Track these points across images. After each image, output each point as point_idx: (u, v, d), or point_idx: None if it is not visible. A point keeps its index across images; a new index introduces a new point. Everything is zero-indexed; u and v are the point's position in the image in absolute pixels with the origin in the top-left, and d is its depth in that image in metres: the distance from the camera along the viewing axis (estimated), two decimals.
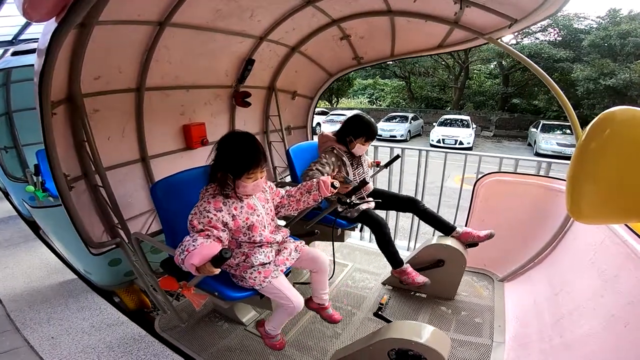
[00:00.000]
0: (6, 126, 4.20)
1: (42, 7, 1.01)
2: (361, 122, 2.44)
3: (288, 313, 1.82)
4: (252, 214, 1.69)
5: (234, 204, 1.64)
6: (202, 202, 1.57)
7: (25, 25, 7.59)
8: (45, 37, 1.22)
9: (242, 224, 1.64)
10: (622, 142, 1.05)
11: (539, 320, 2.07)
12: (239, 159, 1.57)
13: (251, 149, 1.60)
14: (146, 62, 2.07)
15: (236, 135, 1.67)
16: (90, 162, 1.86)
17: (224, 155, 1.60)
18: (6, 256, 3.68)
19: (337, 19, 2.68)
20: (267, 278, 1.68)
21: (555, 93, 1.89)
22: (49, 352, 2.23)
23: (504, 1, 1.80)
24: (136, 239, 1.81)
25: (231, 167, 1.57)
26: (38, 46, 1.38)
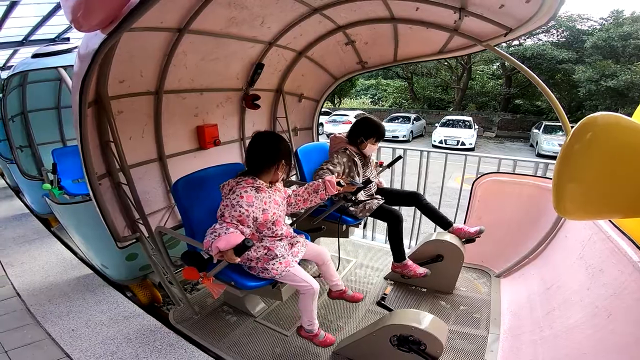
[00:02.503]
0: (21, 126, 4.34)
1: (94, 19, 1.12)
2: (371, 123, 2.64)
3: (309, 296, 1.96)
4: (277, 209, 1.88)
5: (264, 198, 1.81)
6: (235, 195, 1.70)
7: (36, 26, 7.78)
8: (90, 44, 1.34)
9: (270, 217, 1.82)
10: (602, 145, 1.18)
11: (532, 313, 2.19)
12: (282, 150, 1.83)
13: (285, 140, 1.89)
14: (165, 66, 2.21)
15: (269, 133, 1.91)
16: (114, 161, 2.00)
17: (266, 149, 1.82)
18: (22, 252, 3.83)
19: (342, 25, 2.80)
20: (287, 267, 1.84)
21: (547, 96, 2.02)
22: (70, 344, 2.34)
23: (499, 12, 1.92)
24: (159, 232, 1.95)
25: (276, 158, 1.81)
26: (79, 51, 1.51)
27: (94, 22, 1.14)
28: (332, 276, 2.30)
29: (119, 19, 1.09)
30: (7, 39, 8.18)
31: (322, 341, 2.14)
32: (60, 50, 3.08)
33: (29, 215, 5.17)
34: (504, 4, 1.80)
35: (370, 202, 2.56)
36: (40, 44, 9.47)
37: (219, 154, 2.87)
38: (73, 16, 1.15)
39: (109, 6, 1.06)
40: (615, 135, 1.17)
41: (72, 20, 1.17)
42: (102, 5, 1.06)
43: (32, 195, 5.01)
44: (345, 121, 18.19)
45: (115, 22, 1.11)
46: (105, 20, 1.11)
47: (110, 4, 1.05)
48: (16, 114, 4.23)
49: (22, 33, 8.17)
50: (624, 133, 1.15)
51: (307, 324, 2.10)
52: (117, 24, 1.10)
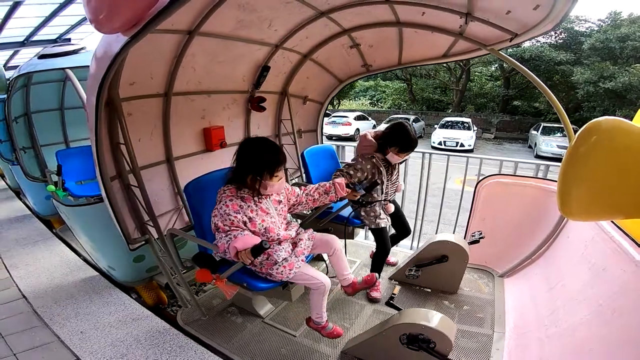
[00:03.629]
0: (25, 127, 4.33)
1: (117, 22, 1.14)
2: (398, 132, 2.49)
3: (320, 293, 1.99)
4: (266, 217, 1.86)
5: (249, 207, 1.80)
6: (222, 205, 1.73)
7: (38, 27, 7.79)
8: (110, 46, 1.37)
9: (259, 226, 1.82)
10: (606, 148, 1.22)
11: (537, 312, 2.23)
12: (269, 161, 1.75)
13: (273, 149, 1.79)
14: (175, 68, 2.23)
15: (256, 140, 1.85)
16: (124, 163, 2.02)
17: (252, 158, 1.76)
18: (25, 254, 3.83)
19: (348, 28, 2.83)
20: (292, 270, 1.85)
21: (549, 99, 2.05)
22: (80, 346, 2.33)
23: (505, 17, 1.95)
24: (170, 234, 1.97)
25: (262, 168, 1.74)
26: (96, 53, 1.54)
27: (116, 25, 1.16)
28: (343, 269, 2.20)
29: (143, 22, 1.10)
30: (8, 40, 8.22)
31: (330, 332, 2.17)
32: (67, 52, 3.09)
33: (30, 217, 5.17)
34: (510, 10, 1.83)
35: (381, 219, 2.55)
36: (41, 45, 9.51)
37: (225, 156, 2.89)
38: (95, 17, 1.17)
39: (134, 9, 1.07)
40: (618, 138, 1.21)
41: (93, 21, 1.19)
42: (127, 8, 1.08)
43: (34, 197, 5.01)
44: (345, 122, 18.24)
45: (139, 25, 1.13)
46: (127, 23, 1.13)
47: (136, 6, 1.07)
48: (19, 115, 4.22)
49: (24, 34, 8.21)
50: (627, 137, 1.19)
51: (315, 316, 2.13)
52: (142, 26, 1.12)
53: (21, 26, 7.60)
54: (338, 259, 2.16)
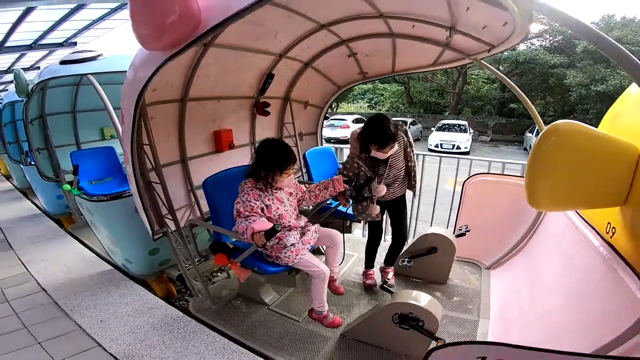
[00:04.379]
0: (39, 129, 4.52)
1: (160, 43, 1.39)
2: (372, 129, 2.38)
3: (320, 280, 2.23)
4: (281, 205, 2.14)
5: (267, 197, 2.09)
6: (244, 194, 2.01)
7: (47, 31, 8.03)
8: (151, 60, 1.60)
9: (274, 213, 2.09)
10: (564, 147, 1.44)
11: (519, 300, 2.44)
12: (279, 160, 2.04)
13: (286, 151, 2.07)
14: (190, 77, 2.48)
15: (273, 141, 2.13)
16: (147, 162, 2.25)
17: (266, 157, 2.06)
18: (40, 250, 4.02)
19: (346, 39, 3.07)
20: (297, 255, 2.10)
21: (525, 103, 2.32)
22: (100, 333, 2.52)
23: (483, 31, 2.20)
24: (190, 224, 2.21)
25: (272, 166, 2.03)
26: (134, 62, 1.79)
27: (159, 46, 1.40)
28: (334, 262, 2.50)
29: (184, 44, 1.34)
30: (17, 43, 8.46)
31: (331, 322, 2.39)
32: (86, 58, 3.30)
33: (41, 216, 5.36)
34: (486, 25, 2.08)
35: (370, 210, 2.51)
36: (47, 48, 9.76)
37: (233, 156, 3.13)
38: (142, 38, 1.40)
39: (177, 35, 1.31)
40: (574, 139, 1.43)
41: (140, 41, 1.42)
42: (171, 35, 1.31)
43: (46, 196, 5.21)
44: (343, 125, 18.44)
45: (179, 46, 1.37)
46: (169, 44, 1.37)
47: (179, 34, 1.30)
48: (35, 117, 4.41)
49: (32, 37, 8.45)
50: (581, 138, 1.41)
51: (317, 306, 2.35)
52: (182, 47, 1.36)
53: (30, 30, 7.83)
54: (335, 253, 2.47)
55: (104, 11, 7.73)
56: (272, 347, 2.30)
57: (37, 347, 2.40)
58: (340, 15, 2.63)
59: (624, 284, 1.42)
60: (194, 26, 1.27)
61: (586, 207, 1.79)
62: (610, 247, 1.64)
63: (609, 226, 1.76)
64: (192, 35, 1.29)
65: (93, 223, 3.26)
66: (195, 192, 2.79)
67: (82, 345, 2.41)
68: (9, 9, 6.07)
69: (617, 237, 1.68)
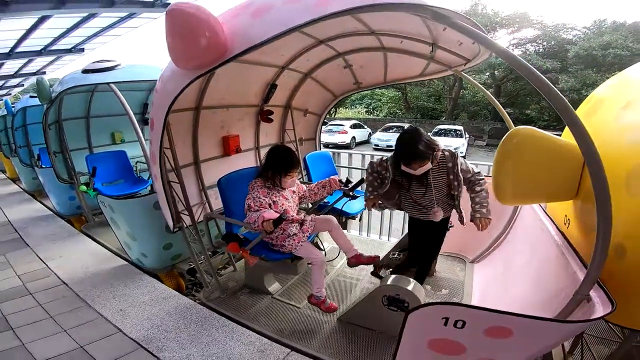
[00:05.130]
0: (55, 133, 4.76)
1: (192, 64, 1.69)
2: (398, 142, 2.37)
3: (319, 266, 2.50)
4: (285, 202, 2.47)
5: (274, 194, 2.42)
6: (254, 192, 2.35)
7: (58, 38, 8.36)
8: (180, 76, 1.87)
9: (280, 208, 2.41)
10: (524, 149, 1.72)
11: (495, 289, 2.70)
12: (285, 164, 2.38)
13: (291, 157, 2.42)
14: (204, 87, 2.78)
15: (280, 147, 2.48)
16: (165, 164, 2.53)
17: (274, 161, 2.41)
18: (56, 248, 4.26)
19: (342, 52, 3.37)
20: (298, 243, 2.42)
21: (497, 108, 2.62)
22: (121, 321, 2.76)
23: (459, 47, 2.51)
24: (206, 217, 2.51)
25: (279, 168, 2.37)
26: (163, 75, 2.06)
27: (189, 66, 1.71)
28: (346, 242, 2.66)
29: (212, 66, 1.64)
30: (27, 49, 8.78)
31: (328, 307, 2.65)
32: (107, 68, 3.58)
33: (53, 217, 5.59)
34: (461, 42, 2.38)
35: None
36: (56, 54, 10.07)
37: (240, 160, 3.44)
38: (176, 59, 1.70)
39: (206, 60, 1.61)
40: (532, 141, 1.70)
41: (173, 61, 1.73)
42: (202, 59, 1.61)
43: (58, 198, 5.45)
44: (341, 131, 18.76)
45: (207, 68, 1.67)
46: (198, 67, 1.68)
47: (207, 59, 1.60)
48: (52, 122, 4.62)
49: (42, 43, 8.78)
50: (537, 140, 1.69)
51: (316, 291, 2.61)
52: (210, 68, 1.66)
53: (41, 36, 8.15)
54: (339, 234, 2.67)
55: (113, 19, 8.04)
56: (276, 330, 2.57)
57: (64, 333, 2.63)
58: (337, 32, 2.92)
59: (569, 265, 1.71)
60: (221, 53, 1.56)
61: (545, 201, 2.08)
62: (563, 236, 1.93)
63: (566, 218, 2.05)
64: (218, 60, 1.59)
65: (113, 220, 3.53)
66: (207, 191, 3.09)
67: (104, 331, 2.65)
68: (25, 17, 6.37)
69: (571, 227, 1.98)
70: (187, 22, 1.53)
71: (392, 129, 19.79)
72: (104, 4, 6.56)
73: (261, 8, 1.61)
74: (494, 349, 1.49)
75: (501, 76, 23.72)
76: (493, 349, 1.48)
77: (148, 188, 4.73)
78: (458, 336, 1.47)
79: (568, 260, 1.74)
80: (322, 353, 2.32)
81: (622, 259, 1.49)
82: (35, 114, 6.20)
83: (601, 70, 18.17)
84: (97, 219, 5.12)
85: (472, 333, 1.43)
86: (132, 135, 5.76)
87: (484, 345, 1.47)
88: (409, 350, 1.65)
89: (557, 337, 1.46)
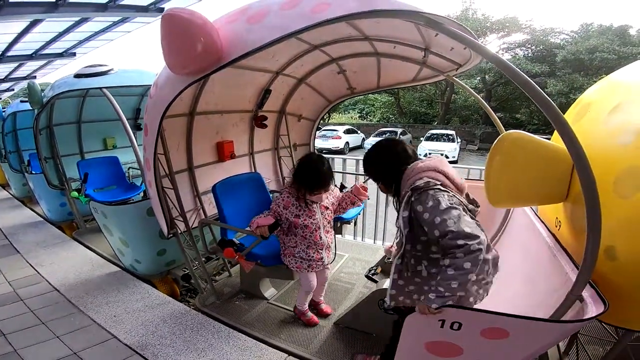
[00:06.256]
0: (46, 138, 4.70)
1: (186, 70, 1.69)
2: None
3: (305, 292, 2.54)
4: (310, 217, 2.33)
5: (300, 207, 2.32)
6: (280, 199, 2.30)
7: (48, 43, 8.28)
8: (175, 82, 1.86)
9: (300, 223, 2.31)
10: (514, 153, 1.75)
11: (490, 291, 2.75)
12: (309, 182, 2.24)
13: (319, 175, 2.23)
14: (199, 93, 2.77)
15: (311, 160, 2.30)
16: (159, 170, 2.52)
17: (300, 174, 2.26)
18: (48, 254, 4.22)
19: (336, 57, 3.38)
20: (298, 270, 2.42)
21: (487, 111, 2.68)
22: (115, 327, 2.74)
23: (451, 52, 2.54)
24: (201, 224, 2.49)
25: (305, 184, 2.25)
26: (158, 81, 2.05)
27: (184, 72, 1.71)
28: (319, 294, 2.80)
29: (206, 72, 1.64)
30: (18, 52, 8.66)
31: (308, 319, 2.65)
32: (100, 72, 3.55)
33: (44, 223, 5.53)
34: (453, 47, 2.42)
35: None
36: (47, 58, 9.97)
37: (234, 165, 3.43)
38: (171, 65, 1.70)
39: (201, 65, 1.62)
40: (522, 146, 1.73)
41: (169, 66, 1.73)
42: (197, 65, 1.62)
43: (50, 204, 5.37)
44: (335, 136, 18.86)
45: (202, 74, 1.67)
46: (193, 72, 1.68)
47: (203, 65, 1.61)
48: (43, 127, 4.57)
49: (34, 47, 8.67)
50: (527, 144, 1.72)
51: (299, 304, 2.68)
52: (205, 74, 1.66)
53: (32, 40, 8.06)
54: (322, 289, 2.77)
55: (105, 24, 8.00)
56: (273, 334, 2.57)
57: (56, 340, 2.60)
58: (331, 37, 2.94)
59: (561, 267, 1.74)
60: (216, 59, 1.57)
61: (536, 204, 2.11)
62: (554, 237, 1.97)
63: (557, 220, 2.09)
64: (213, 66, 1.59)
65: (106, 226, 3.49)
66: (201, 197, 3.08)
67: (98, 337, 2.62)
68: (16, 21, 6.30)
69: (562, 229, 2.01)
70: (183, 27, 1.53)
71: (386, 134, 20.00)
72: (97, 9, 6.53)
73: (258, 13, 1.63)
74: (490, 351, 1.50)
75: (492, 80, 24.08)
76: (490, 350, 1.50)
77: (141, 194, 4.71)
78: (455, 338, 1.49)
79: (560, 262, 1.77)
80: (319, 357, 2.33)
81: (613, 260, 1.52)
82: (26, 118, 6.15)
83: (588, 74, 18.50)
84: (89, 226, 5.07)
85: (468, 335, 1.45)
86: (124, 140, 5.73)
87: (480, 347, 1.49)
88: (407, 353, 1.66)
89: (552, 337, 1.49)
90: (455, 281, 1.36)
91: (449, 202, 1.44)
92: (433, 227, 1.41)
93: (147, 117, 2.16)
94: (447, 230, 1.36)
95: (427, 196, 1.47)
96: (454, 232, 1.35)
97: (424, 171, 1.60)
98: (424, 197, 1.48)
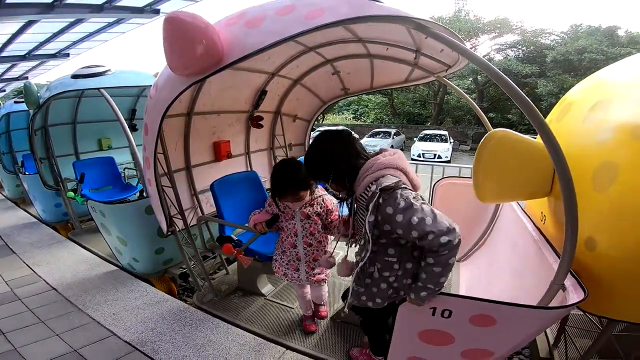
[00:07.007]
0: (41, 139, 4.70)
1: (187, 71, 1.74)
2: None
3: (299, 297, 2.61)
4: (285, 220, 2.23)
5: (281, 206, 2.23)
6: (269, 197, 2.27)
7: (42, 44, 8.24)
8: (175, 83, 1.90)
9: (280, 224, 2.27)
10: (500, 150, 1.84)
11: (480, 285, 2.81)
12: (275, 188, 2.12)
13: (282, 183, 2.05)
14: (196, 94, 2.83)
15: (279, 165, 2.15)
16: (158, 169, 2.57)
17: (272, 177, 2.13)
18: (44, 254, 4.22)
19: (330, 59, 3.44)
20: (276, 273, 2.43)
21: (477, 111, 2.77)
22: (114, 324, 2.77)
23: (441, 54, 2.61)
24: (200, 220, 2.55)
25: (272, 188, 2.15)
26: (158, 82, 2.09)
27: (185, 73, 1.77)
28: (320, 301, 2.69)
29: (206, 73, 1.70)
30: (11, 53, 8.60)
31: (305, 325, 2.64)
32: (97, 73, 3.57)
33: (38, 224, 5.51)
34: (443, 49, 2.50)
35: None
36: (40, 59, 9.92)
37: (230, 165, 3.49)
38: (172, 65, 1.75)
39: (202, 67, 1.67)
40: (507, 143, 1.81)
41: (170, 67, 1.78)
42: (198, 66, 1.67)
43: (44, 205, 5.36)
44: None
45: (202, 75, 1.73)
46: (194, 73, 1.74)
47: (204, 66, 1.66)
48: (38, 128, 4.58)
49: (27, 48, 8.62)
50: (512, 142, 1.80)
51: (300, 308, 2.72)
52: (205, 76, 1.71)
53: (26, 41, 8.02)
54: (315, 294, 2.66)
55: (101, 25, 7.99)
56: (270, 330, 2.63)
57: (56, 338, 2.63)
58: (325, 39, 3.00)
59: (545, 259, 1.83)
60: (217, 61, 1.63)
61: (522, 198, 2.20)
62: (539, 231, 2.06)
63: (542, 214, 2.19)
64: (214, 67, 1.65)
65: (104, 225, 3.52)
66: (198, 195, 3.13)
67: (98, 335, 2.66)
68: (10, 22, 6.28)
69: (546, 223, 2.11)
70: (185, 30, 1.59)
71: (379, 134, 20.07)
72: (93, 10, 6.53)
73: (255, 18, 1.69)
74: (480, 338, 1.59)
75: (483, 81, 24.29)
76: (480, 338, 1.58)
77: (137, 194, 4.73)
78: (446, 326, 1.57)
79: (545, 254, 1.86)
80: (316, 351, 2.39)
81: (593, 251, 1.61)
82: (20, 119, 6.14)
83: (578, 75, 18.71)
84: (84, 226, 5.08)
85: (458, 322, 1.53)
86: (119, 141, 5.74)
87: (470, 334, 1.57)
88: (401, 343, 1.74)
89: (538, 324, 1.56)
90: (444, 277, 1.44)
91: (418, 200, 1.43)
92: (410, 228, 1.37)
93: (147, 117, 2.21)
94: (427, 231, 1.35)
95: (397, 196, 1.41)
96: (434, 232, 1.35)
97: (386, 167, 1.51)
98: (392, 198, 1.41)
